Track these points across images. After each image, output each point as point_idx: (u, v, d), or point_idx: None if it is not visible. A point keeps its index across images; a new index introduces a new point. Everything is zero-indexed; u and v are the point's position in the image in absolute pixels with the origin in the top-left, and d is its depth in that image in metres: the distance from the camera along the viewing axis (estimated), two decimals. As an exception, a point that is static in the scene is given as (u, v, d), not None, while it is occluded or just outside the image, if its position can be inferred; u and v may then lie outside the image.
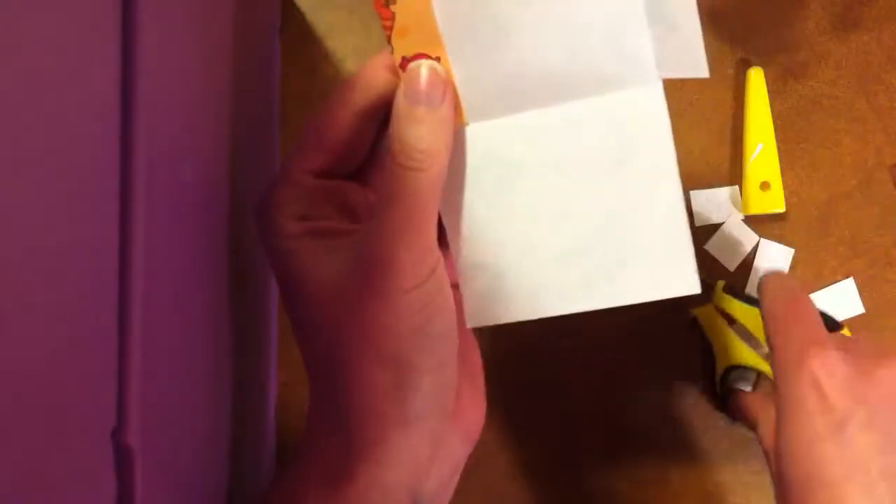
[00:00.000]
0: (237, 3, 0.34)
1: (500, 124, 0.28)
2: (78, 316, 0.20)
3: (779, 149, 0.42)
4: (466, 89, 0.28)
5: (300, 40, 0.44)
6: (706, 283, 0.42)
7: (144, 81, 0.22)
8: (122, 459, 0.22)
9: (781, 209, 0.42)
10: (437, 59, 0.27)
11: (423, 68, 0.27)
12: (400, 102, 0.27)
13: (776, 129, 0.42)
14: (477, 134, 0.29)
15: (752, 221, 0.43)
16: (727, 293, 0.41)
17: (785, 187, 0.42)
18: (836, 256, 0.42)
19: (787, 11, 0.44)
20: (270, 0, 0.43)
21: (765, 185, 0.42)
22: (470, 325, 0.30)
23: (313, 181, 0.29)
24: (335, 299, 0.27)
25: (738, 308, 0.42)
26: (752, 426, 0.37)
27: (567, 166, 0.28)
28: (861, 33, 0.43)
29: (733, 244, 0.43)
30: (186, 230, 0.27)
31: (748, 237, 0.43)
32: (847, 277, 0.42)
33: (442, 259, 0.28)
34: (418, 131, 0.27)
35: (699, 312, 0.42)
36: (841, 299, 0.43)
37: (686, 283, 0.28)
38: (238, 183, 0.34)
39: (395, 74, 0.28)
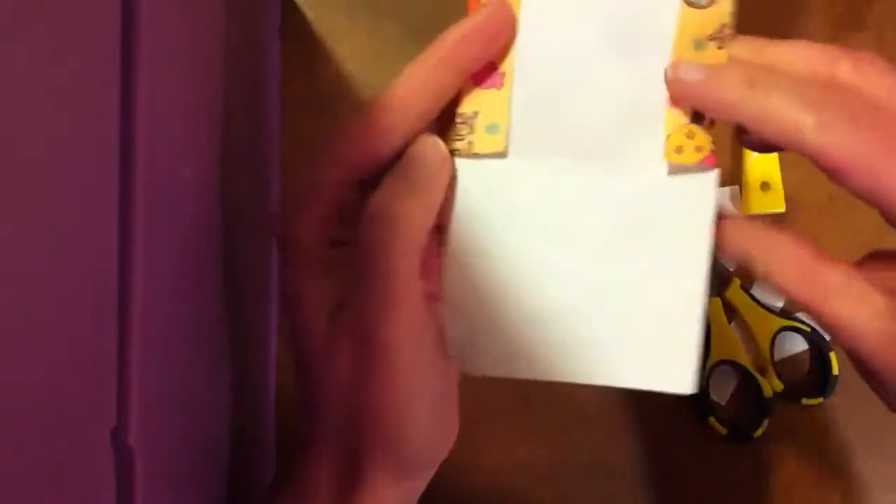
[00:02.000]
0: (237, 4, 0.34)
1: (532, 165, 0.27)
2: (78, 316, 0.20)
3: (779, 149, 0.42)
4: (520, 115, 0.26)
5: (300, 41, 0.44)
6: (724, 275, 0.42)
7: (144, 81, 0.22)
8: (122, 459, 0.22)
9: (781, 209, 0.42)
10: (504, 73, 0.26)
11: (425, 139, 0.26)
12: (393, 171, 0.26)
13: (776, 130, 0.42)
14: (504, 168, 0.27)
15: (753, 221, 0.43)
16: (744, 291, 0.42)
17: (785, 187, 0.42)
18: (836, 257, 0.42)
19: (787, 11, 0.44)
20: (270, 0, 0.43)
21: (765, 186, 0.42)
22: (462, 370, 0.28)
23: (350, 193, 0.26)
24: (334, 375, 0.26)
25: (749, 309, 0.42)
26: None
27: (584, 226, 0.26)
28: (861, 33, 0.43)
29: (733, 244, 0.43)
30: (186, 230, 0.27)
31: (748, 237, 0.43)
32: (847, 278, 0.42)
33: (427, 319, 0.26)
34: (399, 206, 0.25)
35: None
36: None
37: (681, 382, 0.26)
38: (238, 183, 0.34)
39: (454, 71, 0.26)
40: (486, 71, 0.26)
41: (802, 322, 0.44)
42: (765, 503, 0.44)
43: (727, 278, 0.43)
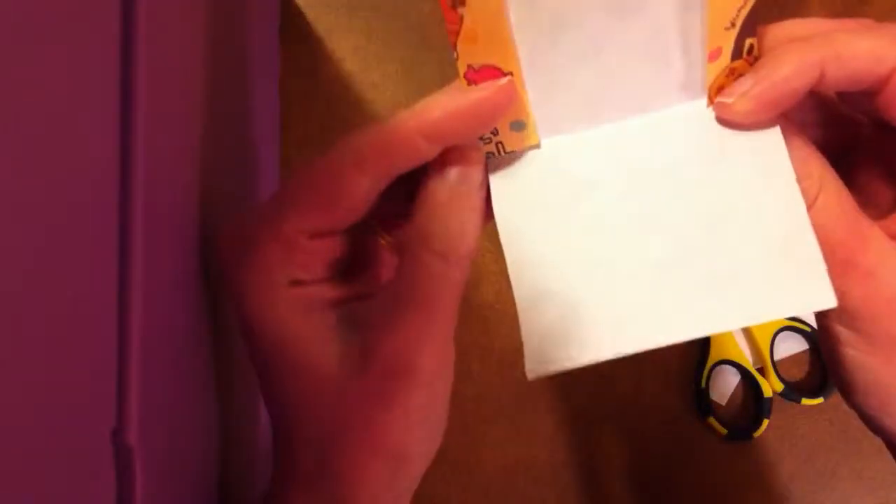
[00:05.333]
0: (237, 3, 0.34)
1: (574, 140, 0.26)
2: (78, 316, 0.20)
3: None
4: (541, 103, 0.25)
5: (300, 40, 0.44)
6: None
7: (144, 81, 0.22)
8: (122, 459, 0.22)
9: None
10: (510, 73, 0.24)
11: (470, 149, 0.24)
12: (440, 185, 0.24)
13: (776, 129, 0.42)
14: (548, 152, 0.26)
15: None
16: None
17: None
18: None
19: (787, 10, 0.44)
20: (270, 0, 0.43)
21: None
22: (532, 376, 0.25)
23: (307, 241, 0.25)
24: (338, 394, 0.24)
25: None
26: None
27: (651, 175, 0.25)
28: (861, 33, 0.43)
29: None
30: (186, 230, 0.27)
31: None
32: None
33: (453, 348, 0.25)
34: (461, 220, 0.24)
35: None
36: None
37: (820, 294, 0.23)
38: (237, 183, 0.34)
39: (433, 142, 0.24)
40: (491, 77, 0.26)
41: (802, 322, 0.44)
42: (764, 503, 0.44)
43: None
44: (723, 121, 0.25)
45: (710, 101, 0.25)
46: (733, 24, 0.24)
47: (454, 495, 0.33)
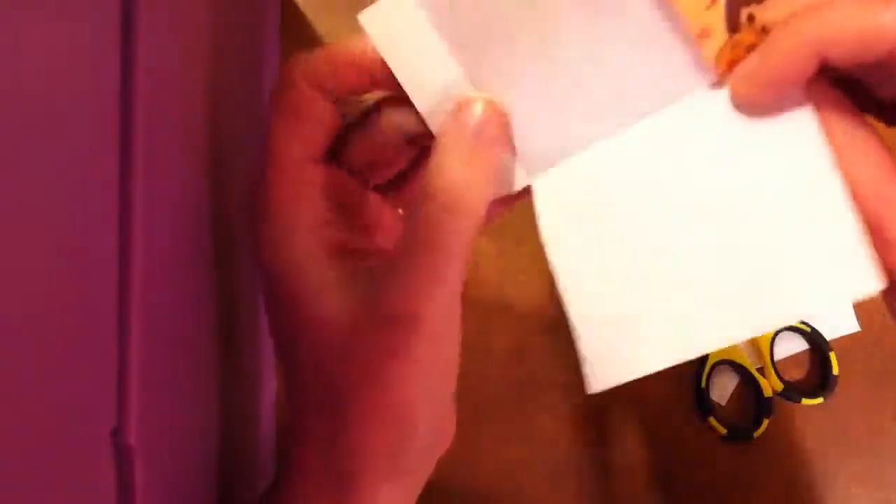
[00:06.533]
0: (237, 4, 0.34)
1: (600, 152, 0.25)
2: (78, 316, 0.20)
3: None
4: (535, 135, 0.25)
5: (300, 41, 0.44)
6: None
7: (144, 81, 0.22)
8: (122, 459, 0.22)
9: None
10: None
11: (482, 101, 0.24)
12: (452, 136, 0.24)
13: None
14: (586, 165, 0.25)
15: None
16: None
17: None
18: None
19: None
20: (270, 0, 0.43)
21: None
22: (594, 390, 0.25)
23: (320, 171, 0.25)
24: (347, 342, 0.24)
25: None
26: None
27: (686, 174, 0.24)
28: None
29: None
30: (186, 231, 0.27)
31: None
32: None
33: (460, 306, 0.25)
34: (473, 174, 0.23)
35: None
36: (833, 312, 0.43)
37: (865, 279, 0.22)
38: (237, 183, 0.34)
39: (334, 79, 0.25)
40: None
41: (802, 322, 0.44)
42: (764, 503, 0.44)
43: None
44: (740, 107, 0.24)
45: (722, 78, 0.24)
46: (713, 2, 0.23)
47: (454, 495, 0.33)
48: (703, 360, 0.44)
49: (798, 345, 0.45)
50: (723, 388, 0.44)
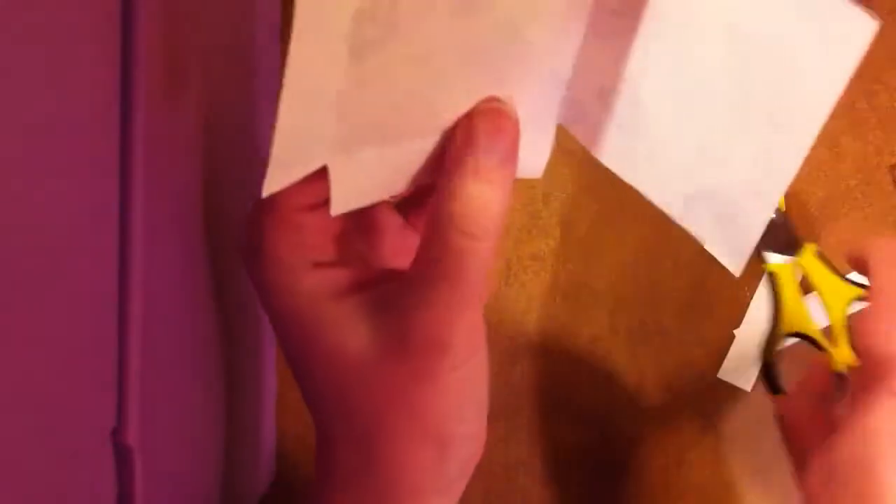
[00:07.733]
0: (236, 3, 0.34)
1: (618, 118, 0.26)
2: (78, 316, 0.20)
3: (779, 149, 0.42)
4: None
5: (300, 41, 0.44)
6: (796, 239, 0.41)
7: (143, 81, 0.22)
8: (122, 459, 0.22)
9: (781, 209, 0.42)
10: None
11: (500, 117, 0.24)
12: (468, 154, 0.23)
13: (776, 129, 0.42)
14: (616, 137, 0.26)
15: (753, 221, 0.42)
16: (819, 259, 0.41)
17: (785, 187, 0.42)
18: (837, 258, 0.42)
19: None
20: (270, 0, 0.43)
21: (765, 185, 0.42)
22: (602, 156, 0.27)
23: (311, 217, 0.25)
24: (372, 371, 0.24)
25: (823, 277, 0.41)
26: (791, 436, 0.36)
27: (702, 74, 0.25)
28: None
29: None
30: (186, 232, 0.27)
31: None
32: (847, 280, 0.42)
33: (483, 324, 0.25)
34: (491, 194, 0.23)
35: (778, 268, 0.41)
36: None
37: (734, 259, 0.26)
38: (237, 186, 0.34)
39: None
40: None
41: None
42: (764, 503, 0.44)
43: (800, 243, 0.41)
44: None
45: None
46: None
47: (454, 495, 0.33)
48: (771, 332, 0.42)
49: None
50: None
